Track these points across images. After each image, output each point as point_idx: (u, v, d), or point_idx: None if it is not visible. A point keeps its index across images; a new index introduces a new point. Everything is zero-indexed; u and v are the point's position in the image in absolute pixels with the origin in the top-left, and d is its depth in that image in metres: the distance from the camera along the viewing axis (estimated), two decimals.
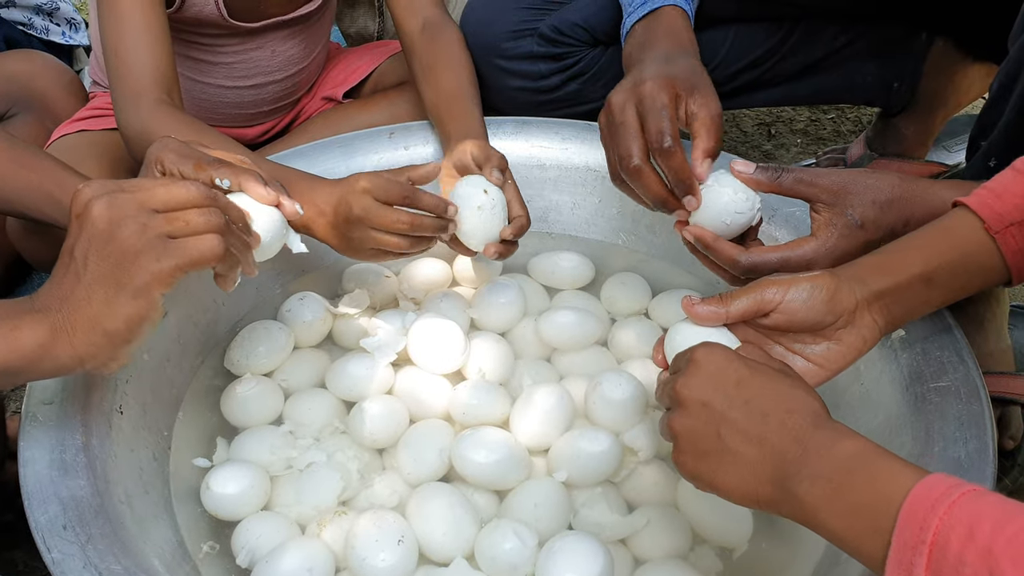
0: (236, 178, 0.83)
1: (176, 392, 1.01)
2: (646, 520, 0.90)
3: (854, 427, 0.92)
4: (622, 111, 0.94)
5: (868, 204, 0.88)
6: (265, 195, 0.82)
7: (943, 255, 0.79)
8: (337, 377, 1.03)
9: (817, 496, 0.62)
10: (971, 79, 1.47)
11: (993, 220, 0.78)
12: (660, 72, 0.95)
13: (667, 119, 0.91)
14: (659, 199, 0.94)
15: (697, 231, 0.92)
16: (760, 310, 0.78)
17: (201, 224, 0.72)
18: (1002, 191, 0.79)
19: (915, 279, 0.78)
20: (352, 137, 1.23)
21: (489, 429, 0.96)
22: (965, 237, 0.79)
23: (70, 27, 1.74)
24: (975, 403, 0.84)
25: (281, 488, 0.94)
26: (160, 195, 0.72)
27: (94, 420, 0.86)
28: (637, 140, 0.93)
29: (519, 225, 1.05)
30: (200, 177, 0.83)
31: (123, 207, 0.71)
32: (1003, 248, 0.78)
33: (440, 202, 0.99)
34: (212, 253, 0.72)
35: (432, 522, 0.88)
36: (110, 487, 0.82)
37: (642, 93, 0.93)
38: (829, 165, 1.63)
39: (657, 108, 0.92)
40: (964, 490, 0.56)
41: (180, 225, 0.72)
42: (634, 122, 0.93)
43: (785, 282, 0.77)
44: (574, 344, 1.09)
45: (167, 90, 1.09)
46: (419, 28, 1.27)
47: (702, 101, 0.93)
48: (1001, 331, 1.16)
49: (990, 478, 0.78)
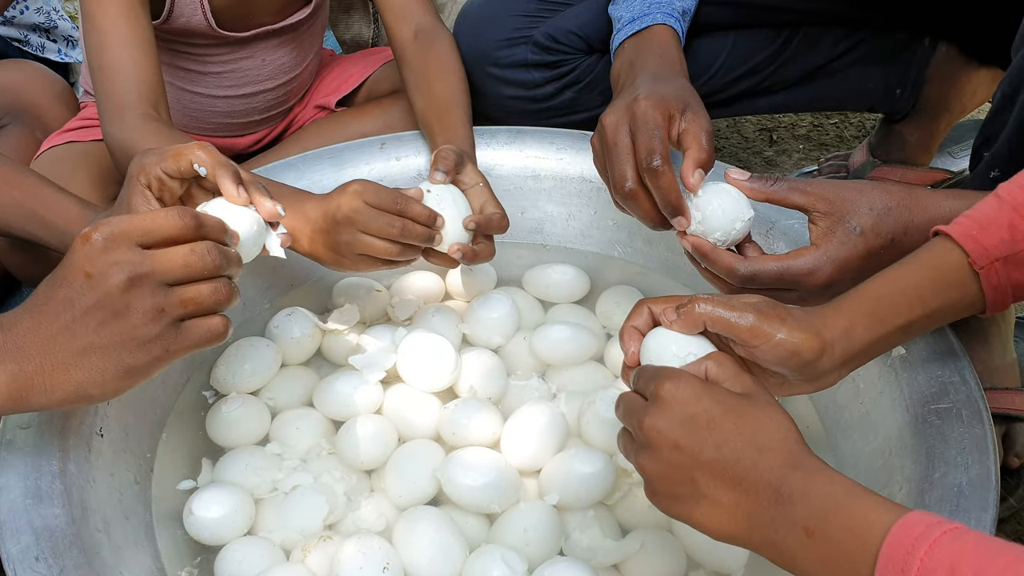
0: (213, 169, 0.80)
1: (160, 412, 0.99)
2: (639, 544, 0.87)
3: (853, 449, 0.93)
4: (615, 132, 0.92)
5: (866, 211, 0.86)
6: (236, 196, 0.79)
7: (927, 303, 0.76)
8: (324, 396, 1.01)
9: (793, 544, 0.61)
10: (975, 84, 1.44)
11: (978, 255, 0.76)
12: (653, 92, 0.93)
13: (658, 139, 0.90)
14: (656, 221, 0.92)
15: (695, 240, 0.90)
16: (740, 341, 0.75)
17: (211, 304, 0.71)
18: (987, 223, 0.76)
19: (896, 330, 0.76)
20: (342, 148, 1.21)
21: (479, 450, 0.94)
22: (950, 279, 0.76)
23: (67, 44, 1.72)
24: (977, 426, 0.81)
25: (266, 511, 0.92)
26: (177, 269, 0.70)
27: (72, 444, 0.84)
28: (631, 162, 0.91)
29: (487, 218, 1.02)
30: (180, 164, 0.81)
31: (142, 284, 0.68)
32: (984, 283, 0.76)
33: (429, 212, 0.97)
34: (218, 338, 0.72)
35: (419, 548, 0.86)
36: (87, 515, 0.80)
37: (635, 113, 0.91)
38: (831, 172, 1.60)
39: (650, 128, 0.90)
40: (944, 530, 0.54)
41: (192, 308, 0.71)
42: (628, 144, 0.92)
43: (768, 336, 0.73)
44: (568, 360, 1.07)
45: (153, 103, 1.07)
46: (411, 36, 1.25)
47: (692, 117, 0.92)
48: (1006, 345, 1.13)
49: (993, 505, 0.75)
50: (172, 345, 0.70)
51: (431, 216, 0.97)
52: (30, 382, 0.68)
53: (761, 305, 0.74)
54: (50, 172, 1.25)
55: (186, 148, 0.81)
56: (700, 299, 0.75)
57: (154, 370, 0.71)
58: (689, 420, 0.66)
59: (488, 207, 1.04)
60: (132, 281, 0.68)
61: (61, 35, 1.71)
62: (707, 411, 0.66)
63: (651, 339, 0.78)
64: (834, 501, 0.60)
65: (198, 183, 0.84)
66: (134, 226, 0.70)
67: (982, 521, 0.74)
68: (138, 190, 0.82)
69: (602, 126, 0.95)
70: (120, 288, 0.67)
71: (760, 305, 0.74)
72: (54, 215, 0.98)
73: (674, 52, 1.04)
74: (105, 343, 0.68)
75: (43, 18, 1.67)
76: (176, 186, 0.83)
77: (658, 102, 0.91)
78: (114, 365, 0.69)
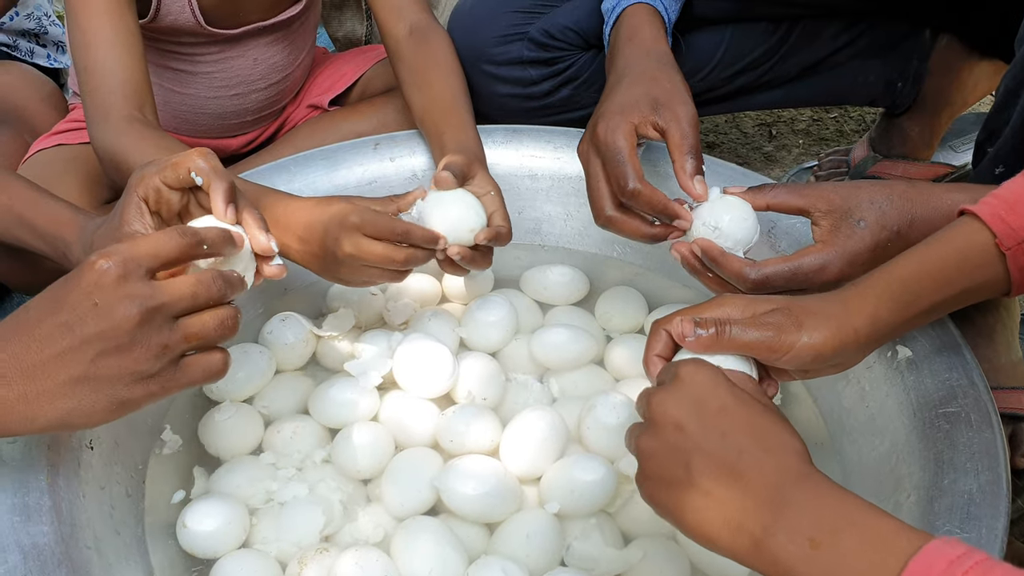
0: (209, 179, 0.79)
1: (152, 422, 0.97)
2: (642, 554, 0.86)
3: (859, 455, 0.91)
4: (587, 162, 0.93)
5: (867, 205, 0.85)
6: (223, 214, 0.77)
7: (953, 285, 0.74)
8: (320, 403, 0.99)
9: (794, 555, 0.57)
10: (977, 76, 1.42)
11: (1006, 236, 0.74)
12: (613, 106, 0.93)
13: (623, 163, 0.90)
14: (647, 237, 0.92)
15: (705, 244, 0.87)
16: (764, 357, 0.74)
17: (216, 336, 0.70)
18: (1015, 202, 0.75)
19: (921, 312, 0.74)
20: (335, 149, 1.19)
21: (477, 458, 0.92)
22: (977, 260, 0.74)
23: (57, 49, 1.69)
24: (987, 430, 0.79)
25: (261, 523, 0.90)
26: (185, 301, 0.68)
27: (61, 458, 0.82)
28: (608, 191, 0.92)
29: (494, 231, 0.99)
30: (179, 173, 0.79)
31: (152, 321, 0.66)
32: (1011, 264, 0.74)
33: (431, 236, 0.94)
34: (216, 376, 0.72)
35: (417, 560, 0.84)
36: (76, 531, 0.78)
37: (598, 141, 0.92)
38: (832, 167, 1.59)
39: (612, 154, 0.90)
40: (970, 564, 0.51)
41: (195, 343, 0.69)
42: (599, 173, 0.92)
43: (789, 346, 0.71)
44: (568, 363, 1.05)
45: (139, 105, 1.05)
46: (406, 32, 1.23)
47: (670, 115, 0.90)
48: (1012, 343, 1.12)
49: (1004, 513, 0.73)
50: (169, 383, 0.69)
51: (433, 239, 0.94)
52: (10, 410, 0.66)
53: (778, 316, 0.72)
54: (39, 175, 1.23)
55: (186, 156, 0.79)
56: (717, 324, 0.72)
57: (145, 404, 0.70)
58: (700, 402, 0.64)
59: (496, 219, 1.01)
60: (144, 316, 0.66)
61: (51, 40, 1.68)
62: (720, 399, 0.63)
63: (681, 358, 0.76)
64: (848, 517, 0.57)
65: (197, 199, 0.82)
66: (142, 252, 0.68)
67: (993, 529, 0.72)
68: (133, 202, 0.80)
69: (578, 155, 0.96)
70: (131, 322, 0.66)
71: (776, 317, 0.72)
72: (44, 220, 0.96)
73: (645, 31, 1.02)
74: (101, 375, 0.66)
75: (33, 24, 1.64)
76: (175, 198, 0.81)
77: (617, 120, 0.91)
78: (106, 398, 0.67)
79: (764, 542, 0.58)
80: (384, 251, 0.92)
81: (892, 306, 0.73)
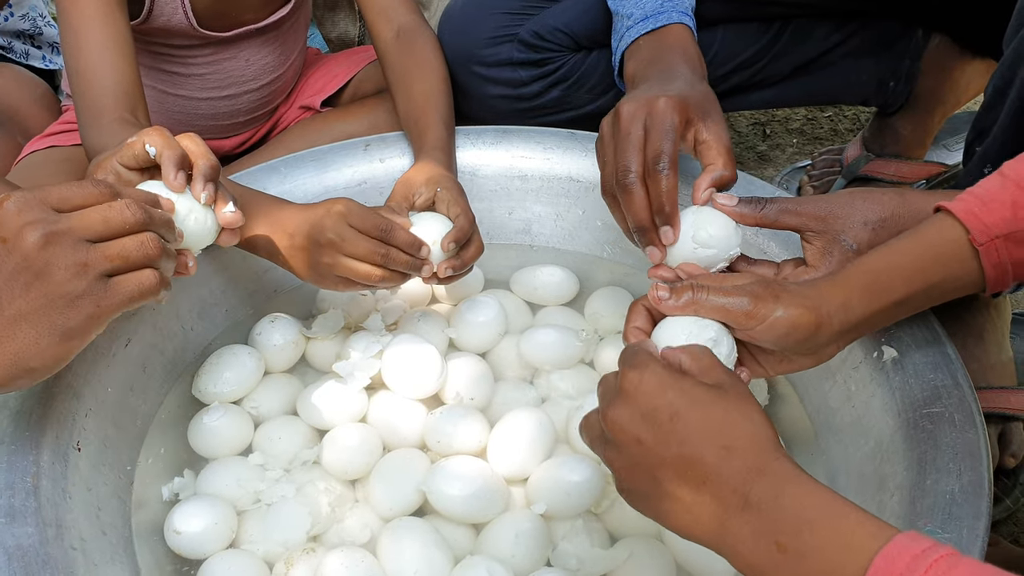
0: (161, 150, 0.80)
1: (141, 424, 0.97)
2: (628, 553, 0.86)
3: (844, 454, 0.91)
4: (630, 122, 0.89)
5: (860, 227, 0.84)
6: (172, 181, 0.78)
7: (927, 277, 0.75)
8: (308, 404, 1.00)
9: (761, 557, 0.57)
10: (969, 76, 1.42)
11: (979, 231, 0.74)
12: (675, 92, 0.90)
13: (671, 141, 0.86)
14: (641, 225, 0.88)
15: (690, 268, 0.86)
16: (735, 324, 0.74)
17: (139, 258, 0.69)
18: (989, 199, 0.75)
19: (893, 304, 0.75)
20: (326, 151, 1.19)
21: (464, 459, 0.92)
22: (949, 254, 0.75)
23: (52, 50, 1.69)
24: (970, 431, 0.79)
25: (249, 523, 0.91)
26: (96, 224, 0.68)
27: (47, 459, 0.82)
28: (638, 157, 0.88)
29: (459, 228, 0.98)
30: (135, 151, 0.80)
31: (61, 241, 0.66)
32: (984, 261, 0.75)
33: (415, 240, 0.95)
34: (150, 291, 0.70)
35: (404, 560, 0.84)
36: (62, 532, 0.78)
37: (654, 108, 0.88)
38: (825, 166, 1.58)
39: (666, 127, 0.87)
40: (935, 557, 0.51)
41: (118, 263, 0.68)
42: (640, 137, 0.88)
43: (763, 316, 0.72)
44: (557, 364, 1.05)
45: (130, 108, 1.05)
46: (394, 35, 1.23)
47: (716, 129, 0.89)
48: (1002, 342, 1.12)
49: (985, 513, 0.73)
50: (103, 301, 0.68)
51: (416, 244, 0.95)
52: None
53: (755, 287, 0.73)
54: (31, 177, 1.24)
55: (140, 135, 0.80)
56: (693, 286, 0.74)
57: (90, 330, 0.69)
58: (651, 413, 0.63)
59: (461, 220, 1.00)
60: (48, 238, 0.66)
61: (46, 41, 1.68)
62: (671, 404, 0.63)
63: (659, 331, 0.76)
64: (807, 518, 0.57)
65: None
66: (49, 192, 0.68)
67: (975, 529, 0.73)
68: None
69: (617, 113, 0.91)
70: (36, 246, 0.65)
71: (754, 287, 0.73)
72: None
73: (694, 53, 1.01)
74: (33, 307, 0.66)
75: (28, 24, 1.64)
76: (135, 179, 0.82)
77: (679, 103, 0.88)
78: (47, 330, 0.67)
79: (737, 548, 0.59)
80: (367, 244, 0.93)
81: (863, 296, 0.74)
